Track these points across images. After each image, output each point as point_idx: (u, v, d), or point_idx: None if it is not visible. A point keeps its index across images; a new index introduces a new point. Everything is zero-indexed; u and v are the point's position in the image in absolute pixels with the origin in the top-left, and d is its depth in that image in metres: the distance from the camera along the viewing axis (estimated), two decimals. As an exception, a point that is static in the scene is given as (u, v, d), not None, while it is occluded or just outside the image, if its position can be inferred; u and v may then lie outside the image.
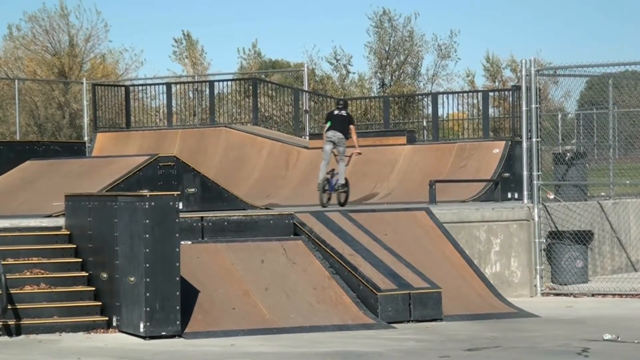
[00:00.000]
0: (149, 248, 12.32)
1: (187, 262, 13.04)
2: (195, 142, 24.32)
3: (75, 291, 13.23)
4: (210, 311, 12.99)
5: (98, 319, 12.92)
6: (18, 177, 17.85)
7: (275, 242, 14.54)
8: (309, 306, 13.48)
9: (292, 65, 39.75)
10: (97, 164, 18.29)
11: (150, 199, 12.45)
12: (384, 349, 11.59)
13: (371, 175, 22.25)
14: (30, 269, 13.31)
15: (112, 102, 26.19)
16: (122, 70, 39.50)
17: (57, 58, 37.19)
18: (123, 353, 11.48)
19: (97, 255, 13.39)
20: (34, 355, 11.33)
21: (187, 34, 42.66)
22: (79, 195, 14.24)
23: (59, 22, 37.59)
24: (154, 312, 12.27)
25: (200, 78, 34.19)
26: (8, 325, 12.51)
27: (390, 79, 39.50)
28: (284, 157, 23.62)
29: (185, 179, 17.26)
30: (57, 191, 15.56)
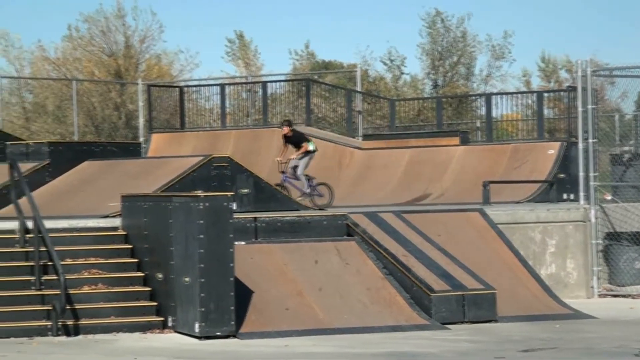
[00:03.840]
0: (204, 248, 12.40)
1: (241, 262, 13.10)
2: (249, 142, 24.42)
3: (131, 291, 13.35)
4: (264, 311, 13.04)
5: (154, 319, 13.02)
6: (76, 177, 18.05)
7: (328, 242, 14.55)
8: (362, 307, 13.49)
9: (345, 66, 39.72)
10: (152, 165, 18.43)
11: (205, 199, 12.53)
12: (438, 350, 11.55)
13: (424, 176, 22.20)
14: (88, 269, 13.44)
15: (167, 103, 26.40)
16: (177, 71, 39.79)
17: (113, 59, 37.55)
18: (178, 353, 11.56)
19: (152, 256, 13.50)
20: (91, 355, 11.45)
21: (240, 34, 42.86)
22: (135, 195, 14.36)
23: (115, 23, 37.95)
24: (208, 312, 12.34)
25: (254, 79, 34.32)
26: (67, 325, 12.64)
27: (443, 80, 39.35)
28: (337, 158, 23.64)
29: (239, 179, 17.33)
30: (113, 191, 15.71)
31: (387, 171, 22.76)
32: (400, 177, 22.37)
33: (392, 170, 22.71)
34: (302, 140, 20.42)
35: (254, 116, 27.33)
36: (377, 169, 22.97)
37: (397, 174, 22.56)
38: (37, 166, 18.13)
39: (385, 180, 22.51)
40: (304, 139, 20.48)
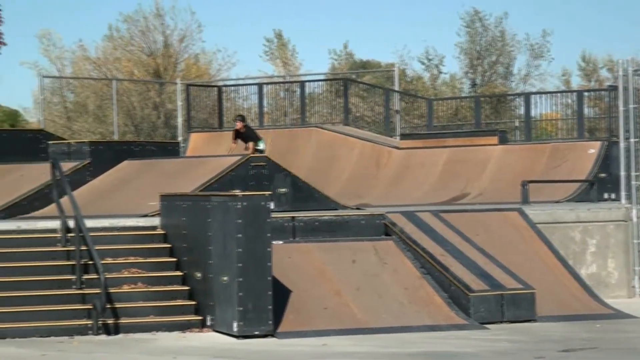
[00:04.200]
0: (242, 248, 12.43)
1: (279, 261, 13.12)
2: (287, 142, 24.46)
3: (170, 290, 13.41)
4: (302, 311, 13.05)
5: (192, 318, 13.07)
6: (116, 176, 18.17)
7: (366, 242, 14.55)
8: (400, 306, 13.47)
9: (383, 65, 39.68)
10: (191, 164, 18.52)
11: (243, 199, 12.56)
12: (476, 350, 11.52)
13: (462, 175, 22.12)
14: (128, 268, 13.52)
15: (205, 103, 26.49)
16: (215, 70, 39.92)
17: (152, 59, 37.76)
18: (217, 352, 11.61)
19: (191, 255, 13.56)
20: (132, 355, 11.52)
21: (279, 33, 42.93)
22: (174, 195, 14.43)
23: (154, 23, 38.16)
24: (246, 311, 12.38)
25: (292, 78, 34.35)
26: (107, 324, 12.73)
27: (482, 79, 39.21)
28: (375, 157, 23.61)
29: (277, 179, 17.38)
30: (152, 191, 15.80)
31: (424, 170, 22.70)
32: (438, 176, 22.29)
33: (430, 169, 22.64)
34: (253, 138, 20.59)
35: (292, 116, 27.37)
36: (415, 169, 22.92)
37: (434, 174, 22.50)
38: (78, 165, 18.27)
39: (423, 179, 22.46)
40: (255, 137, 20.64)
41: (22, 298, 12.76)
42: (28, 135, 20.26)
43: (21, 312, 12.61)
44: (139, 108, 35.53)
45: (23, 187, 17.59)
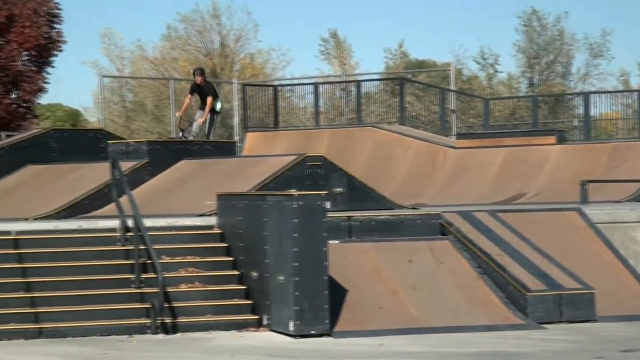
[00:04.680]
0: (298, 247, 12.46)
1: (335, 261, 13.13)
2: (342, 141, 24.47)
3: (227, 290, 13.47)
4: (358, 310, 13.06)
5: (249, 318, 13.13)
6: (173, 176, 18.31)
7: (422, 241, 14.51)
8: (456, 306, 13.42)
9: (439, 65, 39.57)
10: (247, 164, 18.59)
11: (299, 198, 12.59)
12: (535, 350, 11.44)
13: (519, 175, 21.99)
14: (185, 267, 13.60)
15: (261, 102, 26.60)
16: (270, 69, 40.09)
17: (209, 58, 38.03)
18: (274, 352, 11.65)
19: (247, 254, 13.62)
20: (189, 353, 11.60)
21: (334, 33, 43.01)
22: (230, 194, 14.50)
23: (210, 23, 38.43)
24: (303, 311, 12.40)
25: (347, 78, 34.38)
26: (165, 323, 12.82)
27: (539, 78, 38.93)
28: (431, 157, 23.55)
29: (333, 178, 17.38)
30: (209, 190, 15.89)
31: (481, 170, 22.60)
32: (494, 176, 22.17)
33: (487, 169, 22.53)
34: (211, 93, 19.86)
35: (348, 115, 27.38)
36: (471, 168, 22.82)
37: (491, 173, 22.38)
38: (137, 165, 18.42)
39: (480, 179, 22.35)
40: (213, 93, 19.93)
41: (83, 297, 12.90)
42: (88, 135, 20.46)
43: (82, 311, 12.74)
44: (196, 107, 35.74)
45: (83, 186, 17.78)
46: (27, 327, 12.40)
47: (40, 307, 12.65)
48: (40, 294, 12.80)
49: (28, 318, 12.51)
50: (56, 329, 12.48)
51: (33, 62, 34.94)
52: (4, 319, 12.40)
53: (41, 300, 12.73)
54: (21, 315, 12.51)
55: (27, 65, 34.77)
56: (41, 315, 12.56)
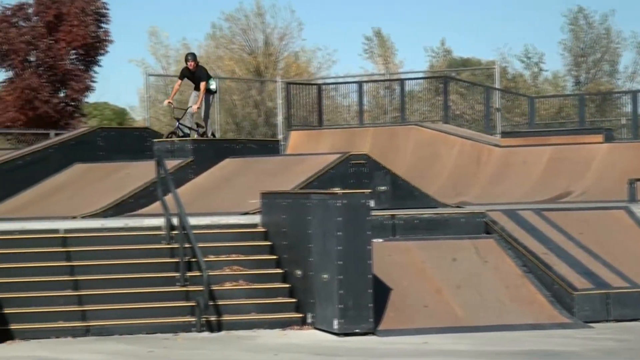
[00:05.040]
0: (342, 245, 12.47)
1: (379, 259, 13.13)
2: (386, 140, 24.44)
3: (271, 288, 13.51)
4: (402, 309, 13.05)
5: (293, 316, 13.16)
6: (218, 174, 18.39)
7: (466, 240, 14.47)
8: (501, 305, 13.37)
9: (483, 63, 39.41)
10: (291, 162, 18.63)
11: (343, 196, 12.60)
12: (581, 349, 11.37)
13: (565, 173, 21.84)
14: (230, 265, 13.65)
15: (305, 101, 26.63)
16: (315, 68, 40.13)
17: (253, 57, 38.15)
18: (318, 350, 11.67)
19: (291, 253, 13.65)
20: (233, 351, 11.65)
21: (378, 31, 42.97)
22: (274, 192, 14.54)
23: (255, 21, 38.54)
24: (347, 309, 12.41)
25: (391, 76, 34.34)
26: (210, 321, 12.89)
27: (586, 77, 38.64)
28: (475, 155, 23.45)
29: (376, 177, 17.37)
30: (253, 189, 15.94)
31: (526, 169, 22.47)
32: (540, 174, 22.02)
33: (532, 168, 22.40)
34: (204, 77, 19.20)
35: (391, 114, 27.35)
36: (516, 167, 22.69)
37: (536, 172, 22.25)
38: (182, 163, 18.53)
39: (525, 178, 22.23)
40: (206, 76, 19.28)
41: (129, 295, 13.00)
42: (134, 133, 20.62)
43: (128, 309, 12.84)
44: (240, 106, 35.91)
45: (129, 185, 17.92)
46: (74, 326, 12.52)
47: (87, 305, 12.77)
48: (88, 292, 12.92)
49: (76, 316, 12.64)
50: (103, 327, 12.59)
51: (81, 61, 35.26)
52: (52, 317, 12.54)
53: (88, 299, 12.86)
54: (69, 314, 12.64)
55: (75, 64, 35.10)
56: (88, 314, 12.69)
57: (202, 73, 19.06)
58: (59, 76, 34.45)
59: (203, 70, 19.19)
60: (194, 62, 18.87)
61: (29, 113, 33.73)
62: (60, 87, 34.80)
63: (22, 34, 33.80)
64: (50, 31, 34.17)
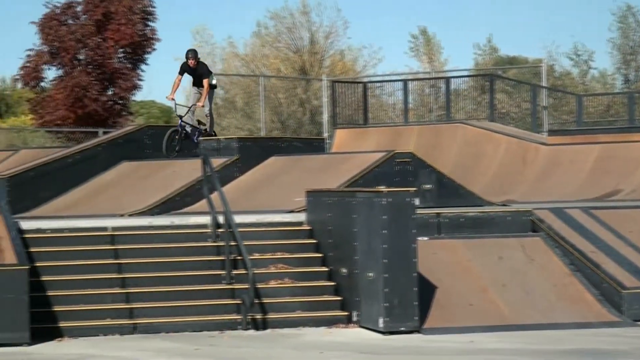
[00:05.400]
0: (387, 244, 12.47)
1: (424, 258, 13.11)
2: (431, 138, 24.36)
3: (316, 286, 13.53)
4: (448, 307, 13.02)
5: (338, 314, 13.17)
6: (263, 172, 18.45)
7: (512, 238, 14.40)
8: (548, 303, 13.29)
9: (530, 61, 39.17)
10: (336, 160, 18.63)
11: (388, 195, 12.59)
12: (630, 347, 11.27)
13: (614, 172, 21.63)
14: (275, 263, 13.69)
15: (350, 99, 26.62)
16: (361, 67, 40.09)
17: (298, 55, 38.19)
18: (363, 348, 11.67)
19: (336, 251, 13.66)
20: (279, 349, 11.68)
21: (424, 29, 42.86)
22: (319, 191, 14.56)
23: (300, 20, 38.59)
24: (392, 307, 12.41)
25: (437, 74, 34.23)
26: (255, 319, 12.93)
27: (635, 75, 38.26)
28: (521, 154, 23.30)
29: (422, 175, 17.33)
30: (298, 187, 15.97)
31: (573, 167, 22.29)
32: (588, 173, 21.83)
33: (579, 166, 22.22)
34: (206, 74, 18.59)
35: (437, 112, 27.27)
36: (563, 165, 22.52)
37: (584, 170, 22.06)
38: (227, 161, 18.61)
39: (572, 176, 22.05)
40: (208, 72, 18.66)
41: (175, 293, 13.08)
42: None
43: (175, 307, 12.91)
44: (286, 104, 35.97)
45: (175, 183, 18.04)
46: (122, 323, 12.62)
47: (134, 303, 12.85)
48: (135, 289, 13.01)
49: (123, 314, 12.73)
50: (150, 324, 12.68)
51: (128, 59, 35.53)
52: (100, 315, 12.64)
53: (135, 296, 12.94)
54: (116, 311, 12.74)
55: (123, 63, 35.38)
56: (135, 311, 12.77)
57: (204, 70, 18.69)
58: (107, 74, 34.74)
59: (204, 67, 18.81)
60: (194, 60, 18.44)
61: (78, 111, 34.06)
62: (109, 85, 35.09)
63: (72, 32, 34.12)
64: (98, 29, 34.47)
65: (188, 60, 18.48)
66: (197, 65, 18.54)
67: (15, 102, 49.34)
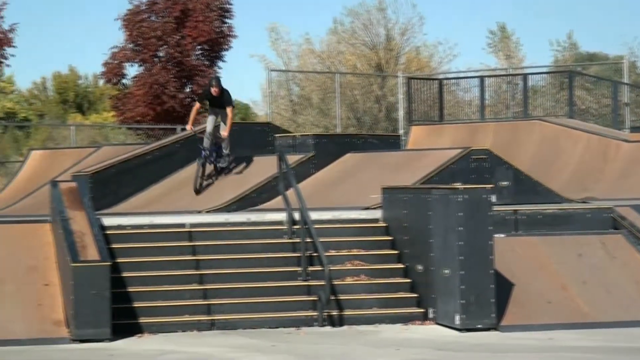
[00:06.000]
0: (463, 241, 12.41)
1: (501, 255, 13.02)
2: (508, 135, 24.14)
3: (392, 283, 13.51)
4: (526, 304, 12.91)
5: (414, 311, 13.14)
6: (338, 169, 18.48)
7: (592, 236, 14.22)
8: (630, 300, 13.13)
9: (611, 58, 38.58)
10: (412, 157, 18.59)
11: (464, 191, 12.53)
12: None
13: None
14: (351, 260, 13.71)
15: (426, 95, 26.52)
16: (436, 63, 39.91)
17: (374, 52, 38.16)
18: (439, 345, 11.63)
19: (412, 248, 13.63)
20: (355, 346, 11.69)
21: (502, 26, 42.50)
22: (395, 187, 14.54)
23: (376, 16, 38.56)
24: (468, 304, 12.35)
25: (514, 71, 33.91)
26: (331, 315, 12.95)
27: None
28: (602, 151, 22.98)
29: (498, 172, 17.21)
30: (373, 183, 15.96)
31: (657, 164, 21.91)
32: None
33: (663, 162, 21.84)
34: (229, 102, 17.61)
35: (514, 108, 27.02)
36: (646, 162, 22.15)
37: (668, 167, 21.69)
38: (303, 158, 18.67)
39: (656, 173, 21.68)
40: (230, 101, 17.68)
41: (252, 289, 13.14)
42: (256, 128, 20.84)
43: (251, 303, 12.98)
44: (361, 101, 35.94)
45: (252, 179, 18.15)
46: (200, 319, 12.72)
47: (212, 300, 12.94)
48: (212, 286, 13.11)
49: (201, 310, 12.83)
50: (227, 320, 12.76)
51: (205, 56, 35.83)
52: (178, 311, 12.76)
53: (213, 293, 13.04)
54: (194, 308, 12.84)
55: (200, 60, 35.68)
56: (213, 308, 12.86)
57: (227, 97, 17.71)
58: (185, 72, 35.08)
59: (227, 94, 17.78)
60: (218, 89, 17.49)
61: (157, 108, 34.45)
62: (187, 82, 35.43)
63: (153, 29, 34.51)
64: (177, 27, 34.82)
65: (212, 89, 17.61)
66: (220, 93, 17.62)
67: (98, 99, 50.17)
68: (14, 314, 12.24)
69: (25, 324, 12.13)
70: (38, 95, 52.52)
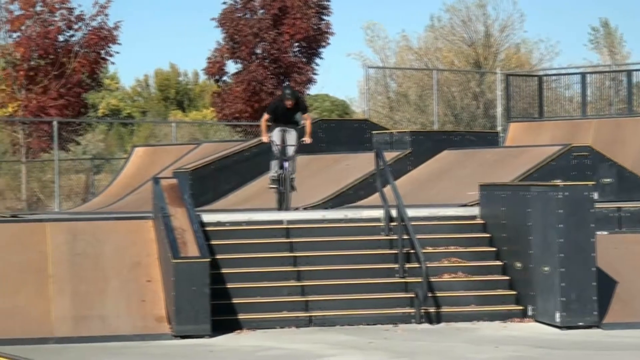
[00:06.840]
0: (563, 238, 12.24)
1: (603, 252, 12.79)
2: (611, 132, 23.70)
3: (490, 280, 13.39)
4: (629, 302, 12.68)
5: (513, 308, 13.00)
6: (435, 166, 18.40)
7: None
8: None
9: None
10: (510, 154, 18.41)
11: (564, 189, 12.36)
12: None
13: None
14: (448, 257, 13.62)
15: (525, 92, 26.23)
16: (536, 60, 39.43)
17: (472, 49, 37.86)
18: (538, 342, 11.49)
19: (510, 245, 13.48)
20: (454, 343, 11.62)
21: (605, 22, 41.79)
22: (493, 184, 14.41)
23: (476, 13, 38.25)
24: (569, 302, 12.18)
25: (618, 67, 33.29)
26: (429, 312, 12.90)
27: None
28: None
29: (601, 169, 16.94)
30: (471, 180, 15.85)
31: None
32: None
33: None
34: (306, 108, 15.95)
35: (617, 105, 26.53)
36: None
37: None
38: (400, 155, 18.63)
39: None
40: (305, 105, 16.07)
41: (349, 286, 13.14)
42: (354, 125, 20.87)
43: (349, 300, 12.98)
44: (459, 98, 35.71)
45: (349, 176, 18.18)
46: (297, 316, 12.77)
47: (309, 296, 12.98)
48: (310, 282, 13.15)
49: (299, 306, 12.88)
50: (325, 317, 12.80)
51: (303, 54, 35.98)
52: (277, 307, 12.83)
53: (310, 289, 13.07)
54: (292, 304, 12.89)
55: (298, 57, 35.84)
56: (311, 304, 12.90)
57: (303, 104, 15.99)
58: (282, 68, 35.27)
59: (303, 103, 16.13)
60: (291, 101, 15.48)
61: (255, 105, 34.72)
62: (284, 79, 35.63)
63: (250, 26, 34.79)
64: (274, 24, 35.03)
65: (285, 102, 15.56)
66: (294, 105, 15.59)
67: (197, 96, 50.80)
68: (119, 309, 12.46)
69: (130, 319, 12.34)
70: (141, 93, 53.45)
